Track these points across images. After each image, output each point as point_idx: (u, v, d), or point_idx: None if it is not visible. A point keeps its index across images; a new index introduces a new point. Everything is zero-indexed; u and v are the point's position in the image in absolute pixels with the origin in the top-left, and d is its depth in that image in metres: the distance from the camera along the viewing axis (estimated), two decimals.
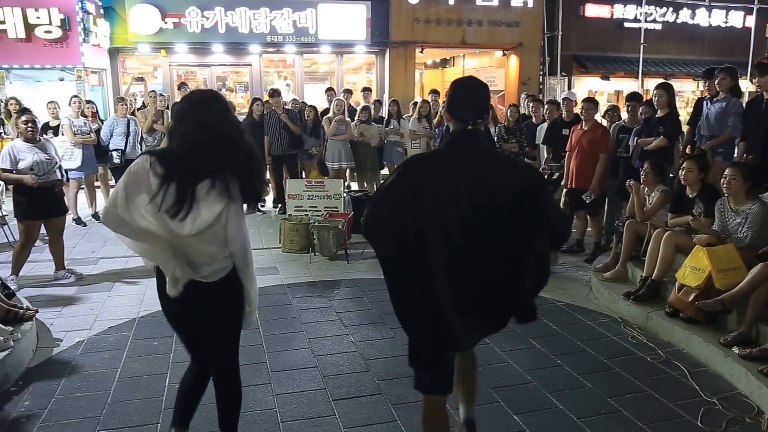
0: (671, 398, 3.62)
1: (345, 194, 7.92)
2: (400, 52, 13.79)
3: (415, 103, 9.48)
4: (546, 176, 7.14)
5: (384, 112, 10.00)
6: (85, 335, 4.54)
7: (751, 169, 4.66)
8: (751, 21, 15.75)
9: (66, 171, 8.16)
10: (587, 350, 4.32)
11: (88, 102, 9.16)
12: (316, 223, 6.80)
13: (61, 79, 11.93)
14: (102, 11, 12.24)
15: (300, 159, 9.26)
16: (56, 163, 5.62)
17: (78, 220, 8.23)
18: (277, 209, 9.06)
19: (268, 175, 9.33)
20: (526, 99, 9.01)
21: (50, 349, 4.30)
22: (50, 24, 10.94)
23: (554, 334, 4.63)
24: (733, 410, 3.48)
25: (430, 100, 9.57)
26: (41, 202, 5.50)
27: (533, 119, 8.23)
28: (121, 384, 3.79)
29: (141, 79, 13.37)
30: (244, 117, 9.09)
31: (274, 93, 8.92)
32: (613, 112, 7.61)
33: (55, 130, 8.17)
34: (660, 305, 4.73)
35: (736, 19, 16.65)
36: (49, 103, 8.47)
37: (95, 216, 8.51)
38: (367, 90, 10.69)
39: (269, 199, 9.55)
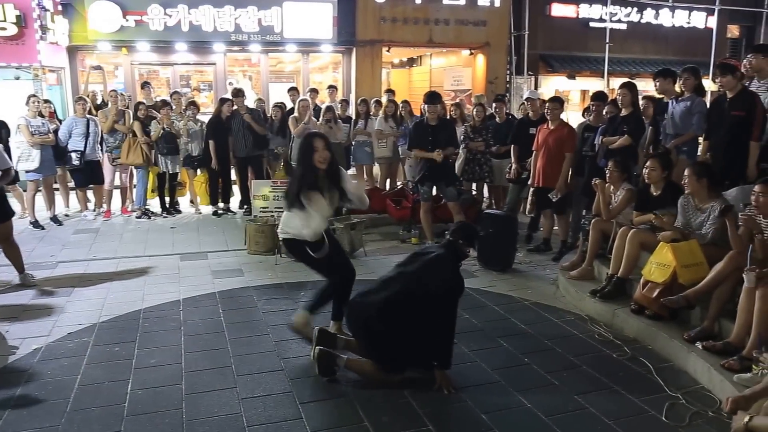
0: (637, 394, 3.66)
1: None
2: (367, 51, 13.73)
3: (378, 102, 9.41)
4: (516, 174, 7.16)
5: (351, 112, 9.91)
6: (42, 342, 4.41)
7: (706, 166, 4.73)
8: (712, 21, 16.10)
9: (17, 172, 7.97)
10: (555, 348, 4.34)
11: (46, 101, 8.82)
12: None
13: (17, 78, 11.53)
14: (60, 8, 11.89)
15: (266, 159, 9.14)
16: None
17: (36, 224, 7.98)
18: (243, 210, 8.93)
19: (233, 176, 9.22)
20: (476, 107, 8.69)
21: (5, 357, 4.17)
22: (5, 20, 10.54)
23: (522, 332, 4.64)
24: (697, 404, 3.53)
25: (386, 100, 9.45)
26: None
27: (497, 119, 8.21)
28: (80, 391, 3.69)
29: (98, 68, 12.96)
30: (209, 117, 8.95)
31: (238, 93, 8.78)
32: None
33: None
34: (626, 302, 4.78)
35: (699, 19, 16.93)
36: None
37: (54, 219, 8.27)
38: (332, 88, 10.56)
39: (235, 200, 9.39)
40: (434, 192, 7.08)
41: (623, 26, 16.30)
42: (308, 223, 3.95)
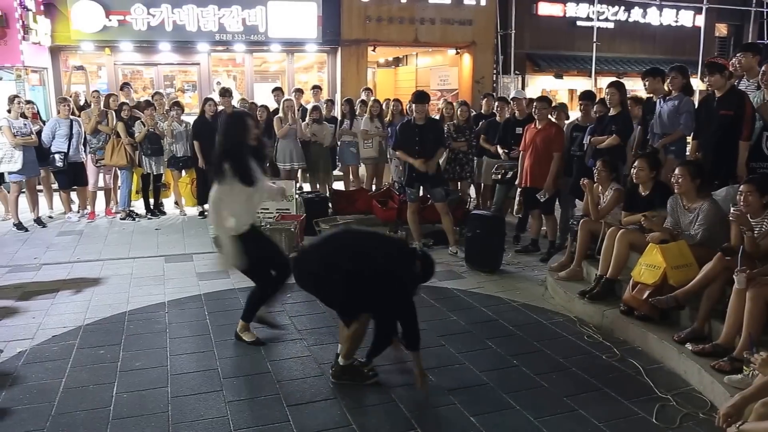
0: (627, 396, 3.63)
1: (297, 196, 7.77)
2: (352, 51, 13.69)
3: (363, 102, 9.36)
4: (500, 175, 7.13)
5: (336, 112, 9.84)
6: (27, 345, 4.34)
7: (699, 166, 4.71)
8: (700, 20, 16.22)
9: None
10: (543, 350, 4.31)
11: (29, 102, 8.71)
12: (268, 226, 6.65)
13: None
14: (42, 7, 11.75)
15: None
16: None
17: (19, 225, 7.86)
18: None
19: None
20: (460, 106, 8.65)
21: None
22: None
23: (510, 334, 4.61)
24: (687, 406, 3.51)
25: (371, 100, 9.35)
26: None
27: (497, 117, 8.11)
28: (65, 395, 3.64)
29: (81, 68, 12.80)
30: (195, 117, 8.84)
31: (225, 92, 8.70)
32: (561, 111, 7.60)
33: None
34: (615, 303, 4.74)
35: (686, 18, 17.07)
36: None
37: (37, 221, 8.15)
38: (316, 88, 10.48)
39: None
40: (421, 193, 7.05)
41: (611, 25, 16.40)
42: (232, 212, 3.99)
